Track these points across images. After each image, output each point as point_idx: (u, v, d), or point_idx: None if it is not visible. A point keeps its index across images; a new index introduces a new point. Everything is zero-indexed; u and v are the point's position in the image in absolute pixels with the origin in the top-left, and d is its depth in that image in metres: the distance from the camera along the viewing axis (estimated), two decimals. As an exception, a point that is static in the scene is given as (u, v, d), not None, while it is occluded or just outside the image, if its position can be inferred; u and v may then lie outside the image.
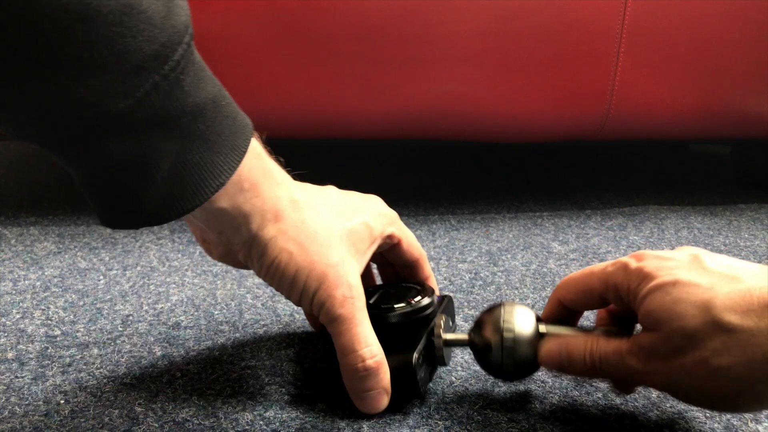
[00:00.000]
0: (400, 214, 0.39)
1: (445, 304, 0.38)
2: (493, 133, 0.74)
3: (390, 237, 0.36)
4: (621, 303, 0.30)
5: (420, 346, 0.33)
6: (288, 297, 0.32)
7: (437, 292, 0.39)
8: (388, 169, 1.04)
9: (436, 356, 0.35)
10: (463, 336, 0.35)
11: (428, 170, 1.06)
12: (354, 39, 0.63)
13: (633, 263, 0.29)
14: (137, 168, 0.24)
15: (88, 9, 0.21)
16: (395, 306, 0.35)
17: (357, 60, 0.64)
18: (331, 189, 0.36)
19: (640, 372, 0.28)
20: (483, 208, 0.80)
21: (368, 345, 0.31)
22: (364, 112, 0.68)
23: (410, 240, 0.38)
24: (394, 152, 1.18)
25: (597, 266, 0.32)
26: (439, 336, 0.34)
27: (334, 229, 0.32)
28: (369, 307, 0.34)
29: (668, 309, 0.26)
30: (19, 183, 0.90)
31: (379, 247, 0.36)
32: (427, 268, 0.40)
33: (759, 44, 0.68)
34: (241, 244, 0.30)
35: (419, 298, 0.36)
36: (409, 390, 0.33)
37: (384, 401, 0.32)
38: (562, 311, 0.35)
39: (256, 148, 0.29)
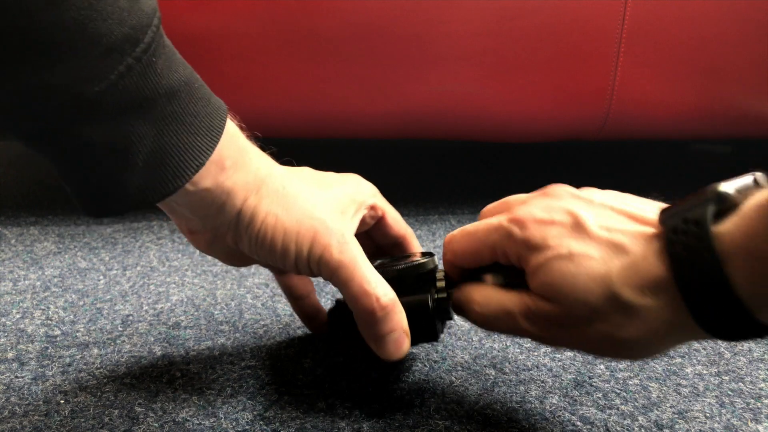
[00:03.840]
0: (400, 214, 0.39)
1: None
2: (493, 133, 0.74)
3: (373, 208, 0.35)
4: (510, 263, 0.30)
5: (430, 294, 0.32)
6: (283, 265, 0.30)
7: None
8: (388, 169, 1.04)
9: (442, 309, 0.33)
10: None
11: (428, 170, 1.06)
12: (354, 39, 0.63)
13: (516, 231, 0.28)
14: (116, 152, 0.24)
15: None
16: (397, 262, 0.34)
17: (357, 60, 0.64)
18: (305, 168, 0.35)
19: (536, 335, 0.29)
20: (483, 208, 0.80)
21: (378, 284, 0.30)
22: (364, 112, 0.68)
23: (394, 214, 0.37)
24: (394, 152, 1.18)
25: (477, 228, 0.31)
26: (445, 286, 0.33)
27: (314, 194, 0.31)
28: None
29: (569, 283, 0.26)
30: (19, 183, 0.90)
31: (364, 222, 0.35)
32: (416, 244, 0.39)
33: (759, 44, 0.68)
34: (227, 224, 0.30)
35: (419, 258, 0.35)
36: (426, 333, 0.32)
37: (406, 344, 0.31)
38: (462, 271, 0.34)
39: (231, 128, 0.29)
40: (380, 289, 0.30)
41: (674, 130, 0.76)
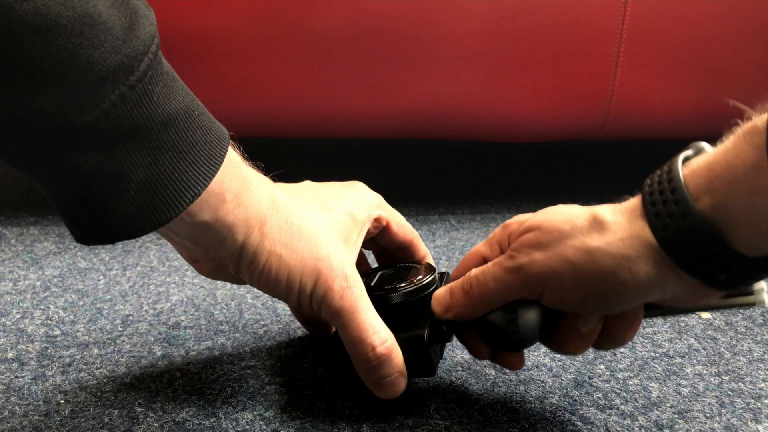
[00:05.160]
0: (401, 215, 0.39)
1: (445, 281, 0.38)
2: (493, 133, 0.74)
3: (377, 220, 0.36)
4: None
5: (428, 323, 0.33)
6: (286, 301, 0.31)
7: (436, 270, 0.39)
8: (388, 169, 1.04)
9: (443, 332, 0.34)
10: None
11: (428, 170, 1.06)
12: (354, 39, 0.63)
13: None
14: (108, 181, 0.24)
15: (45, 20, 0.21)
16: (398, 286, 0.34)
17: (357, 60, 0.64)
18: (307, 183, 0.35)
19: (518, 269, 0.29)
20: (483, 208, 0.80)
21: (376, 331, 0.31)
22: (364, 112, 0.68)
23: (399, 221, 0.38)
24: (394, 152, 1.18)
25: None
26: None
27: (318, 223, 0.31)
28: (370, 290, 0.33)
29: (551, 212, 0.30)
30: (19, 183, 0.90)
31: (368, 232, 0.36)
32: (423, 248, 0.39)
33: (759, 44, 0.68)
34: (229, 257, 0.30)
35: (420, 276, 0.35)
36: (423, 368, 0.33)
37: (402, 385, 0.32)
38: None
39: (233, 157, 0.29)
40: (377, 338, 0.30)
41: (674, 130, 0.76)
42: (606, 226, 0.27)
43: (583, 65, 0.67)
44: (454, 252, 0.62)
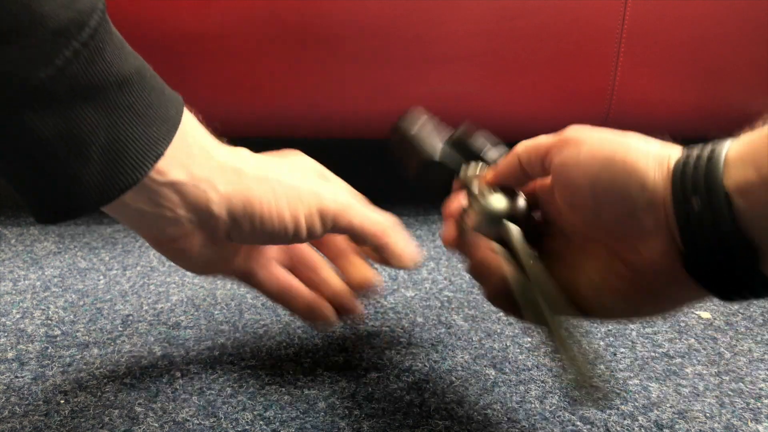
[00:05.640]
0: (400, 215, 0.39)
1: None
2: (493, 133, 0.74)
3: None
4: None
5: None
6: (286, 236, 0.30)
7: None
8: (388, 169, 1.04)
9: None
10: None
11: (428, 170, 1.06)
12: (354, 39, 0.63)
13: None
14: (68, 145, 0.23)
15: None
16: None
17: (357, 60, 0.64)
18: (245, 150, 0.34)
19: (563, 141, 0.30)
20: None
21: (374, 214, 0.33)
22: (364, 112, 0.68)
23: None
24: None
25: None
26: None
27: (285, 170, 0.32)
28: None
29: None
30: (19, 183, 0.90)
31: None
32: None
33: (759, 44, 0.68)
34: (216, 216, 0.28)
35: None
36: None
37: (412, 249, 0.35)
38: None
39: (189, 120, 0.28)
40: (378, 217, 0.33)
41: (674, 130, 0.76)
42: (639, 174, 0.25)
43: (583, 65, 0.67)
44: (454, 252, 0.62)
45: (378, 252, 0.34)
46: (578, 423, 0.34)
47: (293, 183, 0.30)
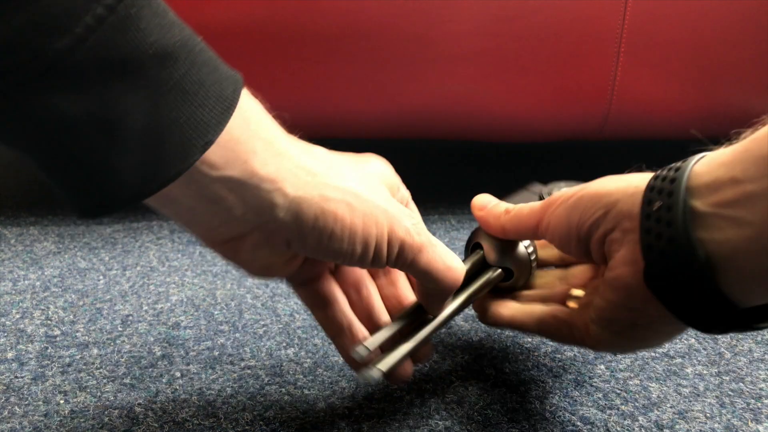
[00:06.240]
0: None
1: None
2: (493, 133, 0.74)
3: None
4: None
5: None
6: (351, 259, 0.27)
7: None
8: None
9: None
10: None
11: (428, 170, 1.06)
12: (354, 39, 0.63)
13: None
14: (101, 130, 0.20)
15: None
16: None
17: (357, 60, 0.64)
18: (321, 148, 0.31)
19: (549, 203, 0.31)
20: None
21: (454, 258, 0.30)
22: (364, 112, 0.68)
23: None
24: (394, 152, 1.18)
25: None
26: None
27: (363, 178, 0.28)
28: None
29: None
30: (19, 183, 0.90)
31: None
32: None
33: (759, 44, 0.68)
34: (280, 222, 0.24)
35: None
36: None
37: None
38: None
39: (252, 105, 0.24)
40: (457, 263, 0.30)
41: (674, 130, 0.76)
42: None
43: (583, 65, 0.67)
44: (454, 252, 0.62)
45: (424, 296, 0.31)
46: (578, 423, 0.34)
47: (372, 200, 0.26)
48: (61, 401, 0.35)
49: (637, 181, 0.26)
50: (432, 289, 0.30)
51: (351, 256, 0.26)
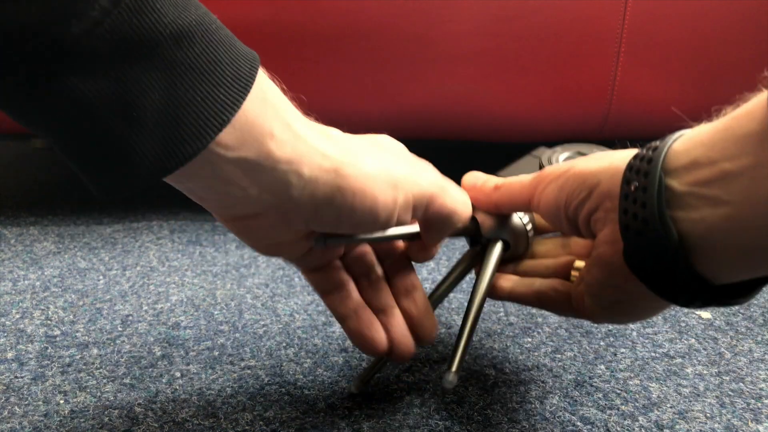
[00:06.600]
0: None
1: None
2: (493, 133, 0.74)
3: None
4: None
5: None
6: (374, 225, 0.27)
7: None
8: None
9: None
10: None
11: (428, 170, 1.06)
12: (354, 39, 0.63)
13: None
14: (118, 111, 0.20)
15: None
16: None
17: (357, 60, 0.64)
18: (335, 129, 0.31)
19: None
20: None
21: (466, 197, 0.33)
22: (364, 112, 0.68)
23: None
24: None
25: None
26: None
27: (382, 152, 0.29)
28: None
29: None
30: (19, 183, 0.90)
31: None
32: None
33: (759, 44, 0.68)
34: (297, 202, 0.25)
35: None
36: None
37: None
38: None
39: (268, 85, 0.24)
40: (463, 205, 0.32)
41: (674, 130, 0.76)
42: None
43: (583, 65, 0.67)
44: (454, 252, 0.62)
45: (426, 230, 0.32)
46: (578, 423, 0.34)
47: (390, 167, 0.27)
48: (61, 401, 0.35)
49: (619, 160, 0.27)
50: (456, 222, 0.31)
51: (374, 223, 0.27)
